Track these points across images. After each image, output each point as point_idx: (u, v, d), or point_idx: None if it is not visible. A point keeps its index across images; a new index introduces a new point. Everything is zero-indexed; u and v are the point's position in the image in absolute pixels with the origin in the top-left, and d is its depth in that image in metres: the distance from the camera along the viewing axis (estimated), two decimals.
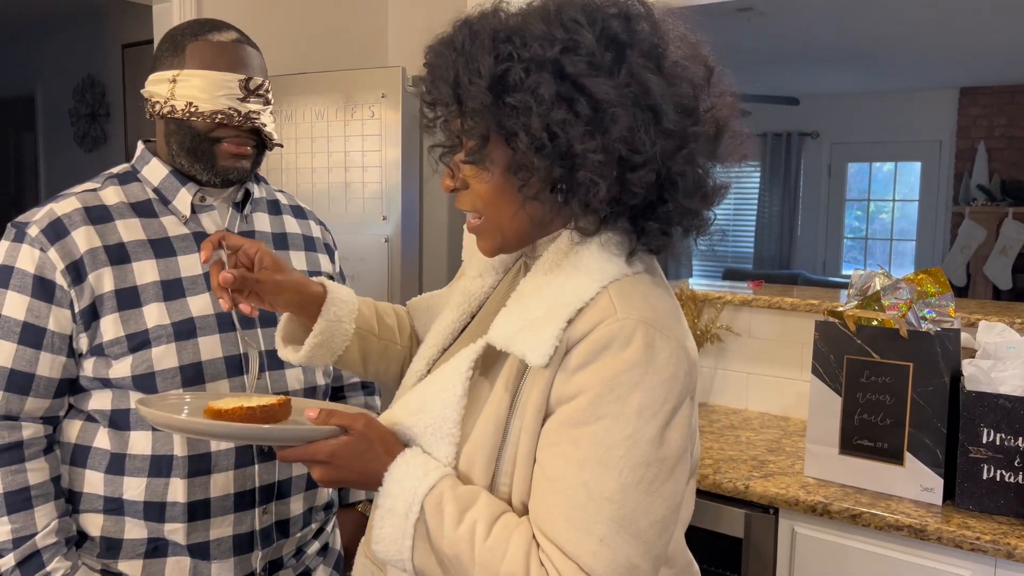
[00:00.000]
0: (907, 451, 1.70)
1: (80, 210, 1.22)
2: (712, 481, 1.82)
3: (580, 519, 0.83)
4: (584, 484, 0.83)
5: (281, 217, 1.43)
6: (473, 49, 0.88)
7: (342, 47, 3.03)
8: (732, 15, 4.69)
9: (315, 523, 1.41)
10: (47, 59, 5.18)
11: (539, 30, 0.86)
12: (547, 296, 0.90)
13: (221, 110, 1.22)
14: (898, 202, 7.84)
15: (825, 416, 1.80)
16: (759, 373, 2.41)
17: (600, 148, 0.85)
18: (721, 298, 2.42)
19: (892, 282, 1.80)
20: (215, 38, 1.24)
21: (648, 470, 0.84)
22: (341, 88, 2.22)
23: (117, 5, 3.92)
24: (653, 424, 0.84)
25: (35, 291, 1.18)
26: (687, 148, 0.88)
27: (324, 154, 2.25)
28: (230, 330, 1.26)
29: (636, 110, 0.85)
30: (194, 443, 1.22)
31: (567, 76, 0.85)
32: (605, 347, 0.85)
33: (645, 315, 0.87)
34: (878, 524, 1.63)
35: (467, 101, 0.88)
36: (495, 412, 0.90)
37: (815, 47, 5.76)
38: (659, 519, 0.85)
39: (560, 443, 0.86)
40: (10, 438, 1.19)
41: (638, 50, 0.87)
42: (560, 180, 0.88)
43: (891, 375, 1.72)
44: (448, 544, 0.85)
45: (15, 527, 1.18)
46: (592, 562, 0.82)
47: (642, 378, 0.84)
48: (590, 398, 0.84)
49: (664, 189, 0.89)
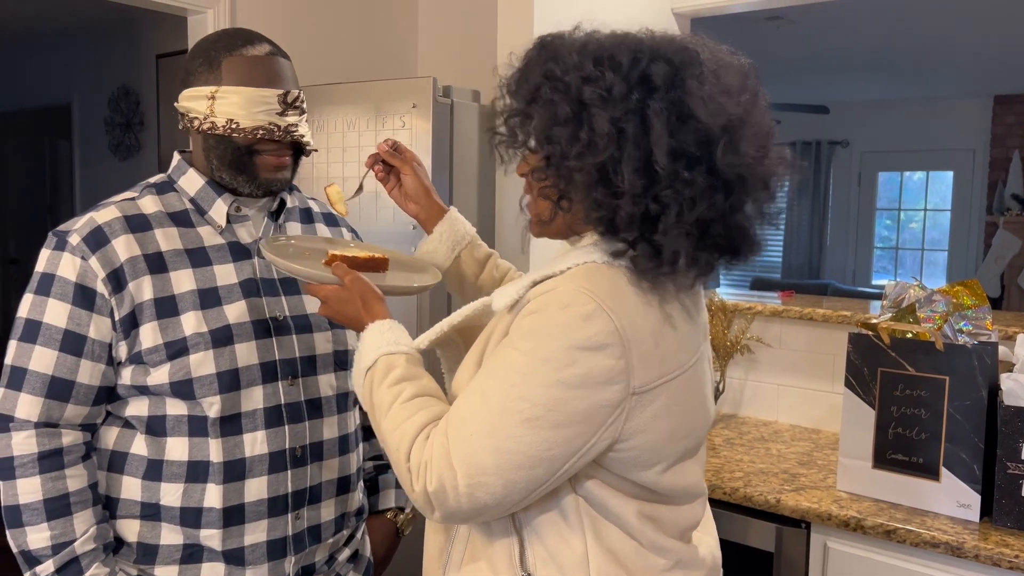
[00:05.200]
0: (943, 466, 1.68)
1: (120, 219, 1.23)
2: (743, 494, 1.81)
3: (466, 414, 0.98)
4: (482, 391, 0.99)
5: (313, 225, 1.44)
6: (534, 64, 1.04)
7: (373, 58, 3.06)
8: (762, 24, 4.67)
9: (347, 529, 1.41)
10: (83, 69, 5.27)
11: (573, 60, 1.00)
12: (541, 269, 1.07)
13: (262, 126, 1.24)
14: (930, 211, 7.74)
15: (858, 429, 1.78)
16: (790, 385, 2.38)
17: (584, 169, 0.97)
18: (751, 308, 2.40)
19: (927, 294, 1.77)
20: (249, 52, 1.25)
21: (530, 408, 0.96)
22: (372, 98, 2.24)
23: (152, 16, 3.99)
24: (552, 376, 0.96)
25: (76, 299, 1.19)
26: (672, 190, 0.96)
27: (355, 163, 2.27)
28: (265, 336, 1.27)
29: (629, 146, 0.96)
30: (229, 448, 1.23)
31: (583, 102, 0.97)
32: (548, 303, 0.99)
33: (598, 292, 0.98)
34: (913, 540, 1.60)
35: (515, 104, 1.05)
36: (478, 350, 1.08)
37: (846, 55, 5.71)
38: (523, 452, 0.96)
39: (488, 361, 1.03)
40: (50, 445, 1.20)
41: (663, 96, 0.96)
42: (562, 188, 1.03)
43: (926, 388, 1.69)
44: (379, 395, 1.06)
45: (54, 533, 1.19)
46: (455, 446, 0.97)
47: (562, 336, 0.96)
48: (518, 335, 0.99)
49: (653, 221, 0.98)
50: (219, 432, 1.23)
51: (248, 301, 1.27)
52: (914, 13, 4.55)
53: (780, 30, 4.87)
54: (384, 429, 1.04)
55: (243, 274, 1.29)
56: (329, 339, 1.35)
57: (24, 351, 1.20)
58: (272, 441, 1.26)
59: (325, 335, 1.35)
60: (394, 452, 1.02)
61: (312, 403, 1.32)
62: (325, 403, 1.34)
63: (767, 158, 1.00)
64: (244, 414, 1.24)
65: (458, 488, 0.96)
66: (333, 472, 1.35)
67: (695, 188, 0.96)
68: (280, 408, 1.28)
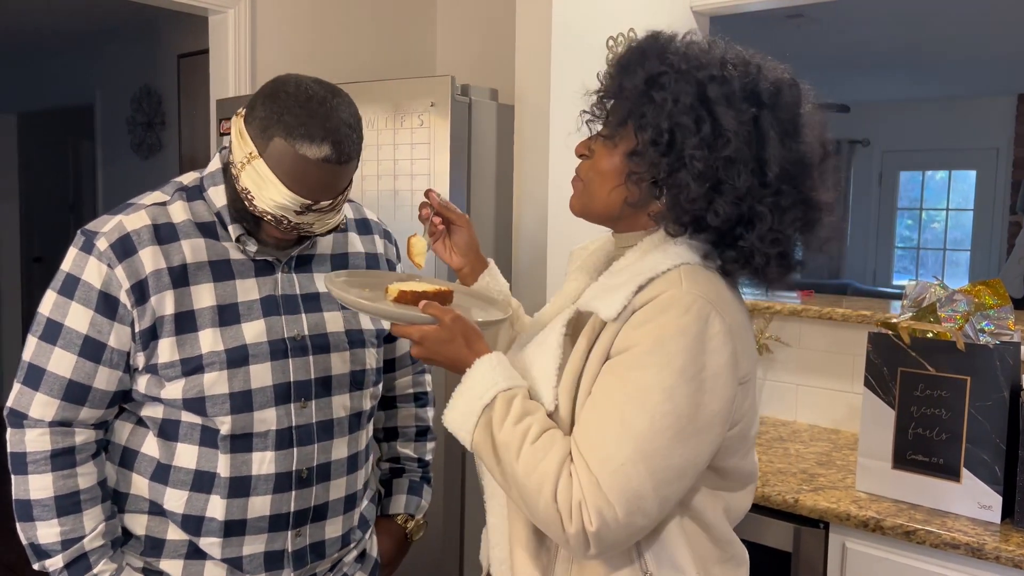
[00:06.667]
0: (964, 467, 1.66)
1: (149, 227, 1.21)
2: (761, 494, 1.80)
3: (610, 444, 0.97)
4: (621, 417, 0.98)
5: (345, 235, 1.39)
6: (651, 51, 1.07)
7: (391, 56, 3.07)
8: (782, 22, 4.64)
9: (353, 542, 1.40)
10: (106, 69, 5.33)
11: (702, 57, 1.04)
12: (630, 270, 1.07)
13: (273, 215, 1.17)
14: (952, 211, 7.65)
15: (878, 429, 1.77)
16: (809, 385, 2.37)
17: (704, 160, 1.01)
18: (770, 308, 2.39)
19: (948, 293, 1.76)
20: (302, 150, 1.12)
21: (677, 421, 0.97)
22: (391, 97, 2.25)
23: (173, 16, 4.02)
24: (691, 385, 0.98)
25: (99, 306, 1.19)
26: (774, 199, 1.03)
27: (374, 162, 2.28)
28: (282, 357, 1.25)
29: (746, 148, 1.01)
30: (237, 465, 1.23)
31: (705, 97, 1.02)
32: (664, 311, 0.99)
33: (707, 294, 1.01)
34: (933, 542, 1.59)
35: (626, 85, 1.06)
36: (575, 362, 1.07)
37: (867, 53, 5.66)
38: (674, 466, 0.98)
39: (610, 381, 1.01)
40: (63, 443, 1.21)
41: (772, 112, 1.03)
42: (663, 175, 1.04)
43: (947, 389, 1.68)
44: (504, 434, 1.02)
45: (64, 529, 1.20)
46: (608, 481, 0.96)
47: (690, 343, 0.98)
48: (643, 349, 0.99)
49: (745, 226, 1.04)
50: (229, 448, 1.22)
51: (267, 320, 1.25)
52: (936, 10, 4.50)
53: (800, 28, 4.84)
54: (518, 472, 1.00)
55: (265, 290, 1.26)
56: (347, 359, 1.32)
57: (44, 351, 1.20)
58: (280, 462, 1.25)
59: (343, 355, 1.32)
60: (534, 495, 0.99)
61: (323, 425, 1.30)
62: (337, 424, 1.31)
63: (834, 188, 1.10)
64: (256, 434, 1.23)
65: (618, 520, 0.96)
66: (340, 491, 1.33)
67: (790, 201, 1.04)
68: (291, 430, 1.26)
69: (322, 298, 1.31)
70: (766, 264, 1.05)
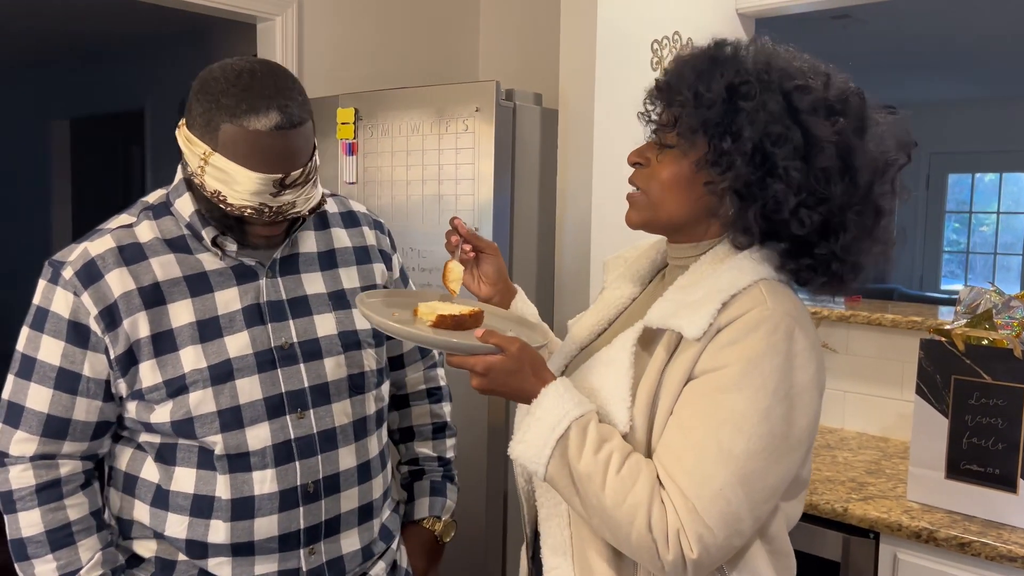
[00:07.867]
0: (1021, 478, 1.62)
1: (114, 250, 1.18)
2: (808, 502, 1.77)
3: (706, 469, 0.96)
4: (717, 441, 0.96)
5: (328, 232, 1.34)
6: (722, 59, 1.04)
7: (435, 62, 3.09)
8: (828, 23, 4.57)
9: (377, 554, 1.35)
10: (155, 76, 5.44)
11: (786, 67, 1.03)
12: (705, 285, 1.04)
13: (251, 205, 1.13)
14: (1003, 215, 7.47)
15: (930, 438, 1.73)
16: (857, 392, 2.33)
17: (799, 169, 1.00)
18: (817, 313, 2.35)
19: (1004, 300, 1.72)
20: (252, 125, 1.09)
21: (772, 441, 0.97)
22: (435, 102, 2.27)
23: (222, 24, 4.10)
24: (784, 404, 0.98)
25: (69, 336, 1.16)
26: (860, 207, 1.03)
27: (419, 167, 2.29)
28: (270, 369, 1.21)
29: (838, 158, 1.01)
30: (237, 486, 1.19)
31: (793, 107, 1.01)
32: (753, 329, 0.98)
33: (791, 311, 1.01)
34: (989, 554, 1.56)
35: (704, 93, 1.02)
36: (650, 381, 1.04)
37: (915, 54, 5.55)
38: (770, 486, 0.99)
39: (701, 404, 0.99)
40: (48, 476, 1.18)
41: (850, 120, 1.02)
42: (750, 185, 1.01)
43: (1004, 397, 1.64)
44: (584, 465, 0.99)
45: (60, 564, 1.18)
46: (707, 506, 0.95)
47: (782, 363, 0.98)
48: (736, 371, 0.98)
49: (827, 234, 1.03)
50: (227, 468, 1.18)
51: (251, 331, 1.20)
52: (985, 9, 4.40)
53: (847, 29, 4.77)
54: (606, 504, 0.98)
55: (247, 299, 1.22)
56: (342, 363, 1.27)
57: (20, 387, 1.18)
58: (282, 479, 1.20)
59: (337, 359, 1.26)
60: (625, 526, 0.97)
61: (325, 434, 1.24)
62: (340, 433, 1.26)
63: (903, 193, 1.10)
64: (252, 452, 1.19)
65: (718, 544, 0.97)
66: (353, 502, 1.28)
67: (871, 208, 1.04)
68: (290, 444, 1.21)
69: (311, 301, 1.26)
70: (842, 271, 1.05)
